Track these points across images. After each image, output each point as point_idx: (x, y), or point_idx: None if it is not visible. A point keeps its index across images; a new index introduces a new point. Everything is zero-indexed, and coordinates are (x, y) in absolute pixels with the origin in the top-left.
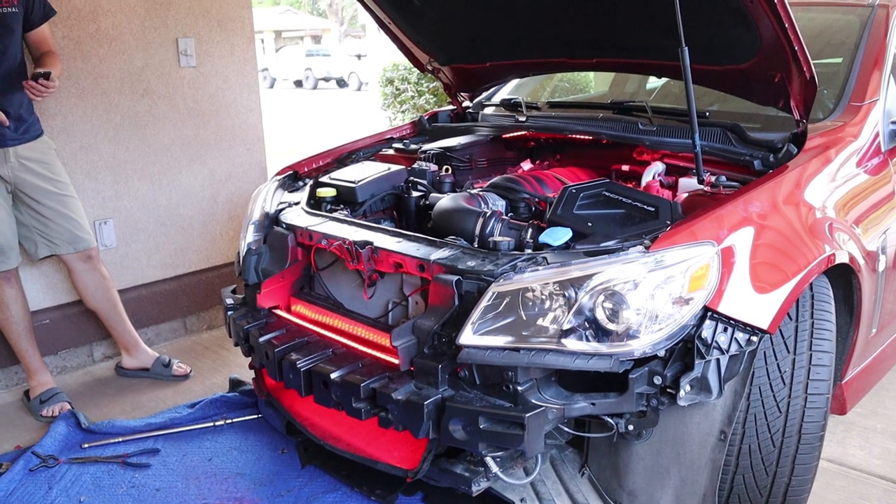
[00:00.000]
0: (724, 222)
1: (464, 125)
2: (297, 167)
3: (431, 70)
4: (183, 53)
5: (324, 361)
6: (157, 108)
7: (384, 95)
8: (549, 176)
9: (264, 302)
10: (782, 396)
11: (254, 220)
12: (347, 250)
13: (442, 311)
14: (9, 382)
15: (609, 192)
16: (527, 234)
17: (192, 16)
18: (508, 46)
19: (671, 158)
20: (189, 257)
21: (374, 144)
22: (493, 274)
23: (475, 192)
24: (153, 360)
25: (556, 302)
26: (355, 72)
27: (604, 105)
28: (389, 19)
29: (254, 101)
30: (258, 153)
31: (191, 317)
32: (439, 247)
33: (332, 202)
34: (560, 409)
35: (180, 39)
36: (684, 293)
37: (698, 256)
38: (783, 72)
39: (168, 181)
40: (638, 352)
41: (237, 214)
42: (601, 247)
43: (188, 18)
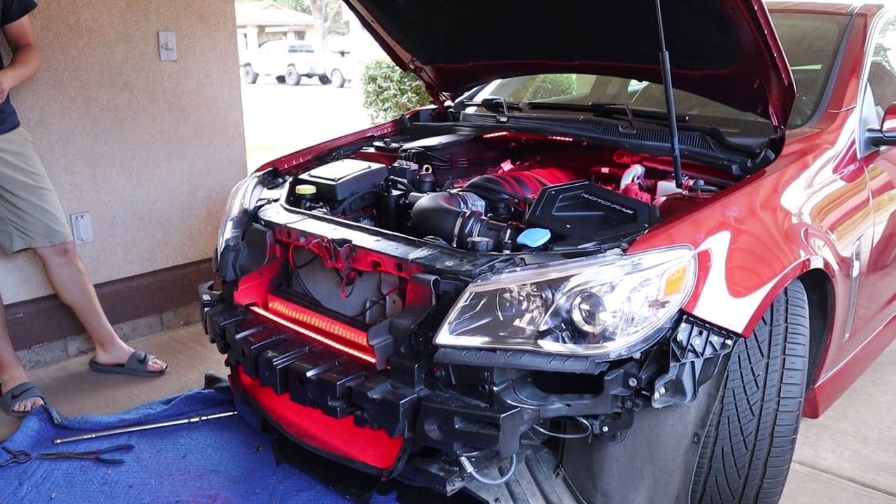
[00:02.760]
0: (702, 226)
1: (445, 125)
2: (277, 164)
3: (413, 69)
4: (164, 47)
5: (300, 359)
6: (137, 102)
7: (366, 93)
8: (529, 177)
9: (241, 299)
10: (755, 399)
11: (232, 217)
12: (326, 248)
13: (419, 310)
14: None
15: (588, 195)
16: (505, 234)
17: (173, 9)
18: (491, 47)
19: (650, 161)
20: (167, 252)
21: (355, 142)
22: (471, 274)
23: (455, 192)
24: (128, 355)
25: (533, 303)
26: (338, 68)
27: (585, 107)
28: (372, 17)
29: (235, 96)
30: (238, 149)
31: (168, 312)
32: (417, 246)
33: (311, 200)
34: (535, 409)
35: (161, 33)
36: (660, 296)
37: (675, 260)
38: (762, 78)
39: (147, 176)
40: (613, 354)
41: (216, 210)
42: (579, 249)
43: (169, 12)
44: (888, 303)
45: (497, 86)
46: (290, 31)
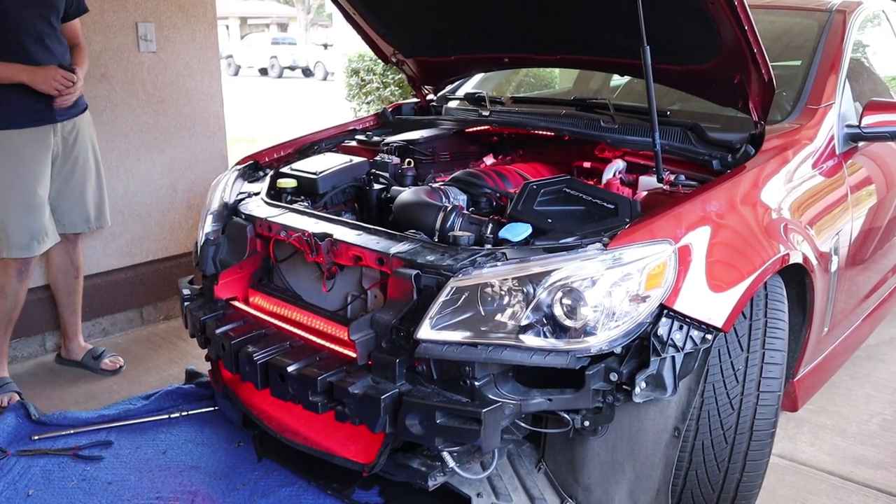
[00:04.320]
0: (682, 221)
1: (427, 118)
2: (258, 157)
3: (396, 62)
4: (143, 38)
5: (281, 354)
6: (116, 94)
7: (349, 86)
8: (512, 171)
9: (222, 293)
10: (735, 394)
11: (212, 210)
12: (307, 242)
13: (400, 305)
14: None
15: (569, 189)
16: (487, 229)
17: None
18: (473, 40)
19: (632, 156)
20: (146, 246)
21: (337, 136)
22: (452, 269)
23: (437, 187)
24: (84, 352)
25: (514, 298)
26: (321, 61)
27: (567, 102)
28: (354, 9)
29: (215, 88)
30: (219, 141)
31: (148, 307)
32: (399, 240)
33: (292, 193)
34: (517, 404)
35: (140, 24)
36: (641, 291)
37: (656, 255)
38: (742, 73)
39: (125, 169)
40: (595, 349)
41: (196, 203)
42: (560, 243)
43: (148, 2)
44: (866, 297)
45: (479, 80)
46: (273, 24)
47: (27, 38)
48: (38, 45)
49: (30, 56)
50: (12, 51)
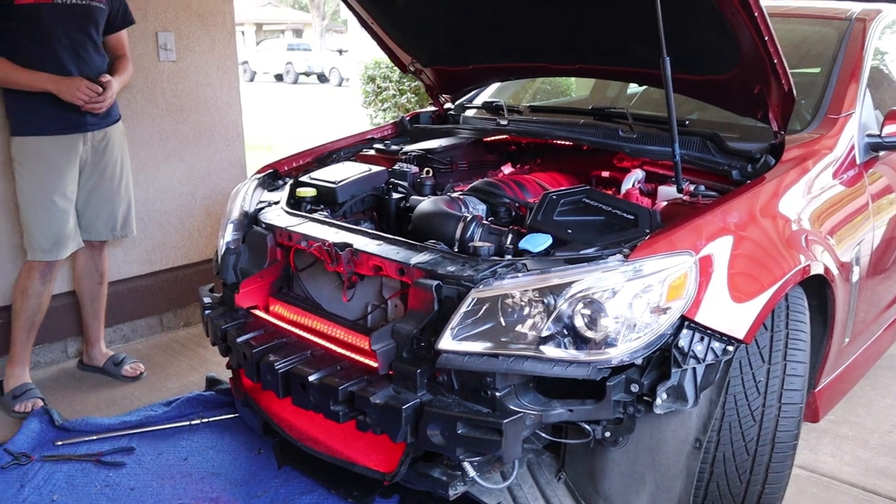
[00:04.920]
0: (703, 232)
1: (445, 127)
2: (277, 166)
3: (413, 71)
4: (162, 48)
5: (302, 363)
6: (136, 103)
7: (365, 93)
8: (530, 181)
9: (242, 302)
10: (757, 405)
11: (233, 219)
12: (327, 252)
13: (421, 315)
14: None
15: (589, 200)
16: (507, 239)
17: (171, 9)
18: (491, 50)
19: (651, 166)
20: (166, 254)
21: (355, 144)
22: (473, 279)
23: (456, 196)
24: (106, 358)
25: (535, 309)
26: (336, 67)
27: (585, 111)
28: (372, 19)
29: (234, 96)
30: (237, 149)
31: (167, 314)
32: (419, 251)
33: (311, 202)
34: (538, 415)
35: (160, 33)
36: (662, 302)
37: (676, 266)
38: (762, 83)
39: (146, 176)
40: (615, 360)
41: (215, 211)
42: (580, 254)
43: (168, 12)
44: (888, 307)
45: (497, 88)
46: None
47: (62, 49)
48: (73, 57)
49: (63, 66)
50: (47, 61)
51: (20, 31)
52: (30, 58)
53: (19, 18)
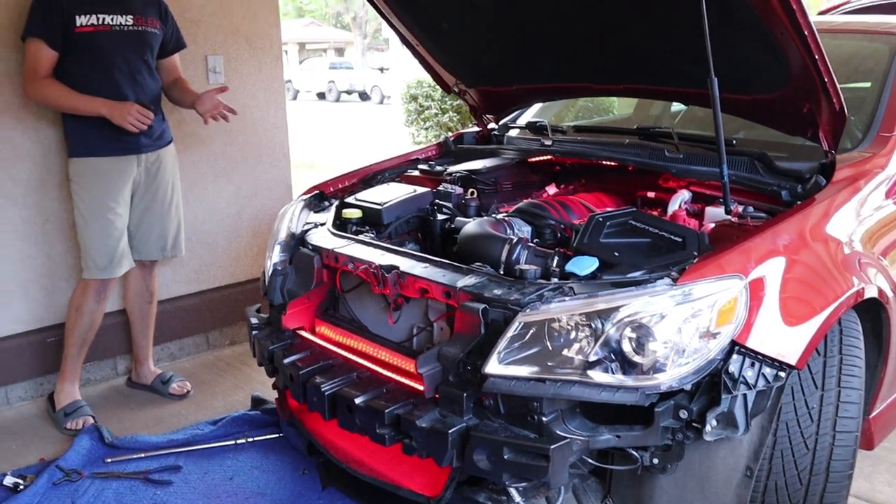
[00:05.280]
0: (752, 255)
1: (489, 147)
2: (323, 187)
3: (458, 91)
4: (212, 70)
5: (348, 385)
6: (186, 125)
7: (407, 112)
8: (575, 202)
9: (289, 323)
10: (810, 433)
11: (280, 241)
12: (374, 274)
13: (468, 339)
14: (34, 393)
15: (635, 221)
16: (553, 262)
17: (221, 33)
18: (535, 70)
19: (697, 186)
20: (213, 273)
21: (400, 165)
22: (520, 303)
23: (501, 218)
24: (154, 376)
25: (582, 333)
26: (378, 85)
27: (630, 131)
28: (417, 41)
29: (280, 118)
30: (283, 170)
31: (213, 332)
32: (465, 273)
33: (357, 224)
34: (585, 441)
35: (209, 57)
36: (712, 327)
37: (726, 290)
38: (812, 102)
39: (194, 197)
40: (664, 385)
41: (262, 231)
42: (628, 278)
43: (217, 36)
44: None
45: (540, 107)
46: (331, 48)
47: (119, 74)
48: (130, 81)
49: (120, 91)
50: (104, 85)
51: (80, 56)
52: (88, 82)
53: (79, 45)
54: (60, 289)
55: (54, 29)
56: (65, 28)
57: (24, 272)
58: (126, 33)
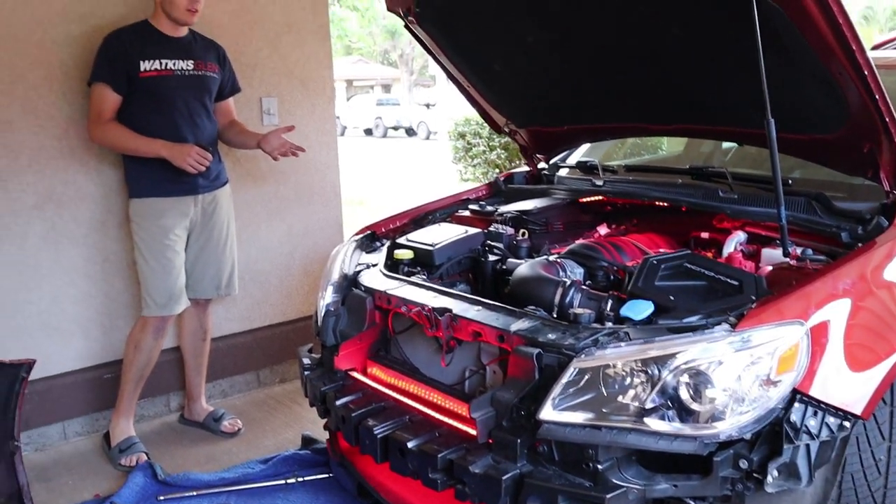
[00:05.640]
0: (813, 299)
1: (540, 187)
2: (375, 227)
3: (508, 132)
4: (266, 112)
5: (400, 429)
6: (240, 165)
7: (455, 149)
8: (627, 243)
9: (341, 364)
10: (877, 486)
11: (332, 281)
12: (427, 317)
13: (521, 383)
14: (89, 429)
15: (691, 264)
16: (606, 305)
17: (276, 76)
18: (587, 110)
19: (753, 227)
20: (265, 311)
21: (450, 205)
22: (575, 348)
23: (553, 260)
24: (206, 413)
25: (637, 379)
26: (424, 121)
27: (682, 170)
28: (469, 82)
29: (332, 158)
30: (335, 209)
31: (264, 370)
32: (519, 317)
33: (409, 264)
34: (641, 490)
35: (264, 99)
36: (772, 375)
37: (786, 336)
38: (872, 142)
39: (248, 236)
40: (723, 434)
41: (313, 269)
42: (685, 323)
43: (272, 79)
44: None
45: (590, 145)
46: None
47: (180, 117)
48: (189, 124)
49: (180, 133)
50: (165, 128)
51: (142, 100)
52: (149, 125)
53: (142, 89)
54: (118, 326)
55: (119, 74)
56: (129, 73)
57: (84, 310)
58: (187, 78)
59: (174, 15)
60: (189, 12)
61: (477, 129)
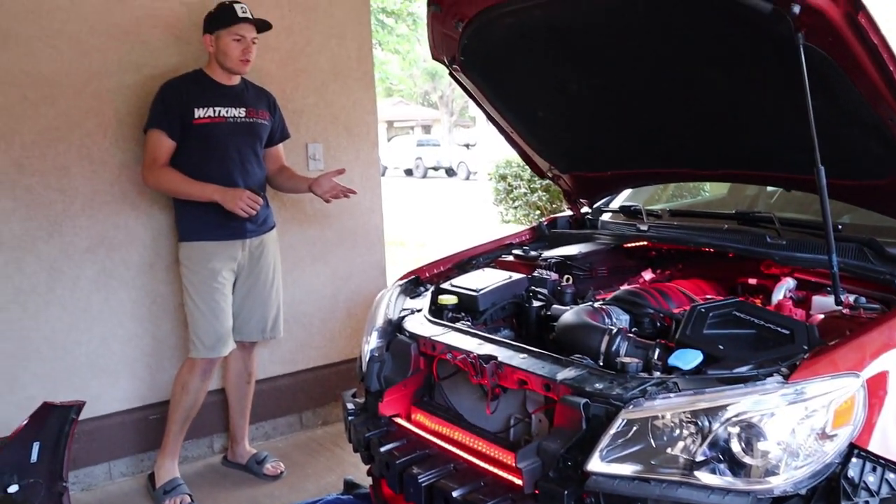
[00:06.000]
0: (868, 350)
1: (584, 232)
2: (419, 272)
3: (552, 177)
4: (312, 158)
5: (445, 477)
6: (286, 209)
7: (496, 191)
8: (673, 289)
9: (385, 410)
10: None
11: (377, 326)
12: (472, 364)
13: (568, 434)
14: (135, 469)
15: (740, 313)
16: (654, 353)
17: (321, 122)
18: (631, 156)
19: (802, 273)
20: (308, 354)
21: (494, 250)
22: (623, 399)
23: (598, 307)
24: (249, 456)
25: (687, 431)
26: (464, 161)
27: (728, 215)
28: (512, 128)
29: (376, 202)
30: (378, 253)
31: (307, 412)
32: (565, 365)
33: (453, 310)
34: None
35: (310, 144)
36: (828, 429)
37: (842, 389)
38: None
39: (292, 280)
40: (778, 490)
41: (356, 312)
42: (735, 374)
43: (318, 125)
44: None
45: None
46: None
47: (232, 162)
48: (240, 169)
49: (231, 178)
50: (217, 173)
51: (196, 146)
52: (202, 170)
53: (196, 135)
54: (164, 368)
55: (174, 121)
56: (184, 120)
57: (131, 351)
58: (239, 125)
59: (227, 65)
60: (242, 62)
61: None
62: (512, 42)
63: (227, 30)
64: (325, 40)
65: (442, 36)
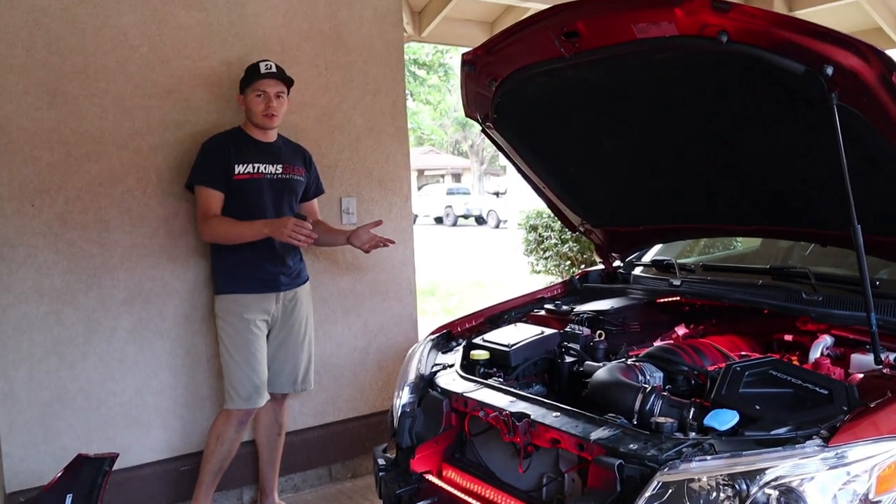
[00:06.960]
0: None
1: (616, 287)
2: (451, 327)
3: (583, 231)
4: (345, 212)
5: None
6: (318, 262)
7: (527, 241)
8: (708, 346)
9: (417, 466)
10: None
11: (409, 381)
12: (504, 422)
13: (602, 495)
14: None
15: (776, 371)
16: (689, 413)
17: (355, 176)
18: (663, 211)
19: (839, 329)
20: (338, 406)
21: (526, 304)
22: (657, 460)
23: (632, 364)
24: None
25: (724, 494)
26: (494, 209)
27: (763, 270)
28: (544, 183)
29: (408, 255)
30: (409, 305)
31: (336, 464)
32: (599, 424)
33: (485, 365)
34: None
35: (343, 198)
36: (871, 495)
37: (886, 453)
38: None
39: (324, 332)
40: None
41: (387, 365)
42: (773, 436)
43: (352, 179)
44: None
45: None
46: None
47: (267, 215)
48: None
49: None
50: None
51: (235, 201)
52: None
53: (235, 189)
54: (196, 419)
55: (218, 175)
56: (226, 174)
57: (164, 402)
58: (275, 180)
59: (254, 121)
60: (265, 117)
61: (548, 221)
62: (544, 100)
63: (251, 87)
64: (360, 97)
65: (475, 95)
